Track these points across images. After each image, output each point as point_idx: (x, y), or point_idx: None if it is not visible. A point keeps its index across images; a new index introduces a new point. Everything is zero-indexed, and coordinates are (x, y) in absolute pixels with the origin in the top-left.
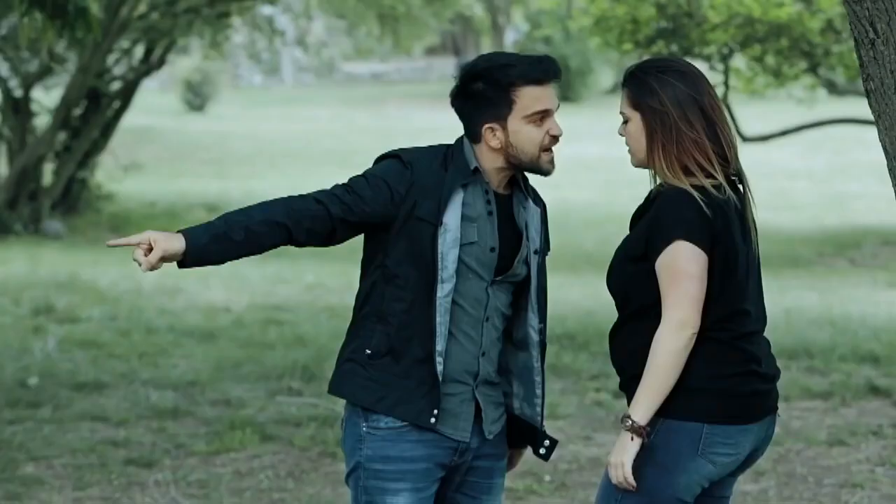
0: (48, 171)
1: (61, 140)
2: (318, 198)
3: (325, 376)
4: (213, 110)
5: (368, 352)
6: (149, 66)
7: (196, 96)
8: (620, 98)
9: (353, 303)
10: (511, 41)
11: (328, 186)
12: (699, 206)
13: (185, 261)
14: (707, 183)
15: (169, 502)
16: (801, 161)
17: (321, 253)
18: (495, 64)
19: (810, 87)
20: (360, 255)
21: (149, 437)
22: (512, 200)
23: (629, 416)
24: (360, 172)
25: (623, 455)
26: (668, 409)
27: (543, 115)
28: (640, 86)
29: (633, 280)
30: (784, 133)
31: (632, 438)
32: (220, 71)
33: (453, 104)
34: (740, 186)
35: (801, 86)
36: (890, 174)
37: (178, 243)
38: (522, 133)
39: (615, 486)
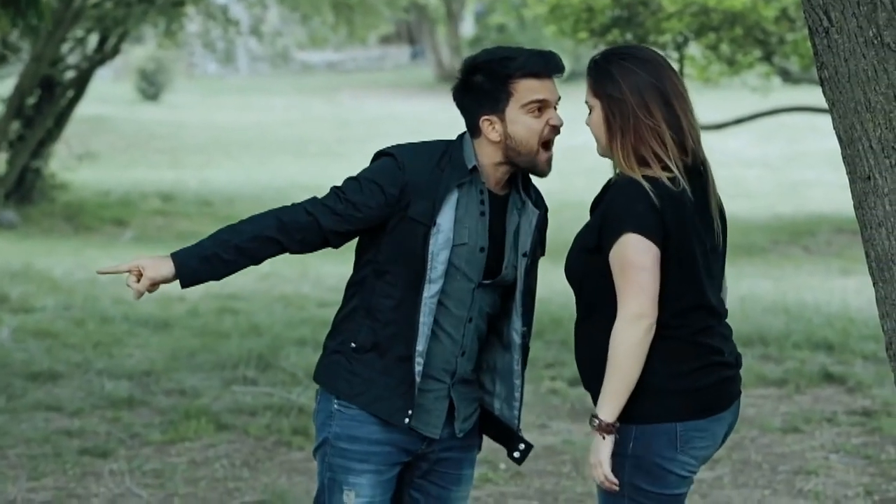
0: (1, 161)
1: (15, 129)
2: (308, 209)
3: (279, 365)
4: (168, 99)
5: (353, 345)
6: (103, 54)
7: (150, 85)
8: (586, 88)
9: (308, 292)
10: (466, 29)
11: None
12: (650, 197)
13: (181, 283)
14: (663, 175)
15: (124, 492)
16: (755, 149)
17: None
18: (496, 57)
19: (765, 75)
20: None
21: (103, 426)
22: (508, 201)
23: (596, 416)
24: (354, 174)
25: (598, 455)
26: (638, 414)
27: (541, 105)
28: (601, 74)
29: (587, 272)
30: (738, 121)
31: (603, 437)
32: (175, 60)
33: (454, 98)
34: (704, 176)
35: (755, 74)
36: (844, 162)
37: (166, 269)
38: (520, 123)
39: (609, 497)
